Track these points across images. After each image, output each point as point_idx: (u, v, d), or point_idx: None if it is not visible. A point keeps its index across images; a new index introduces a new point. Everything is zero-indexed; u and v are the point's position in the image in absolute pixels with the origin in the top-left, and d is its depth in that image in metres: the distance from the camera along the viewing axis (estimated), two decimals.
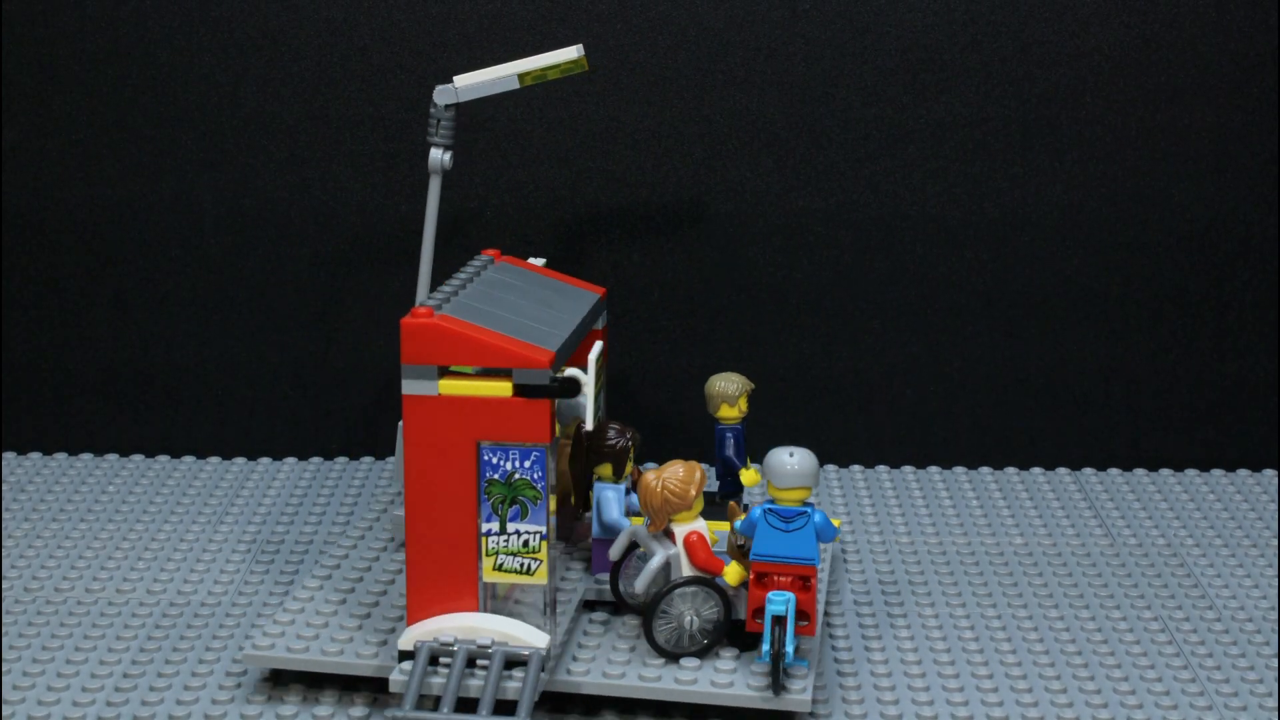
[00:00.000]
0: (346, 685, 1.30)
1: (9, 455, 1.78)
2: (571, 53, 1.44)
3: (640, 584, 1.27)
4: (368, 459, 1.78)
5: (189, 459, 1.77)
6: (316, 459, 1.78)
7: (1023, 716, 1.27)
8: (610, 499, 1.34)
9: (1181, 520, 1.65)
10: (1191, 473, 1.77)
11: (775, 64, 1.72)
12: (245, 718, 1.26)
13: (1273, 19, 1.71)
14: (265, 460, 1.77)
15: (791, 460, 1.24)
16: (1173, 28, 1.72)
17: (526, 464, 1.22)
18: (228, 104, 1.73)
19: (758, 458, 1.47)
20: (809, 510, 1.24)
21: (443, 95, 1.45)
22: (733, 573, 1.27)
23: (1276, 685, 1.33)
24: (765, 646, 1.22)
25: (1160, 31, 1.72)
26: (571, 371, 1.24)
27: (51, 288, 1.77)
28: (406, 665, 1.24)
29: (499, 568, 1.24)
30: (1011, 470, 1.78)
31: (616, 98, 1.72)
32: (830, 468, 1.78)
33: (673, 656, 1.27)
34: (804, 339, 1.77)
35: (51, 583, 1.49)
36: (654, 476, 1.27)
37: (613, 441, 1.35)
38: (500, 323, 1.25)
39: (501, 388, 1.22)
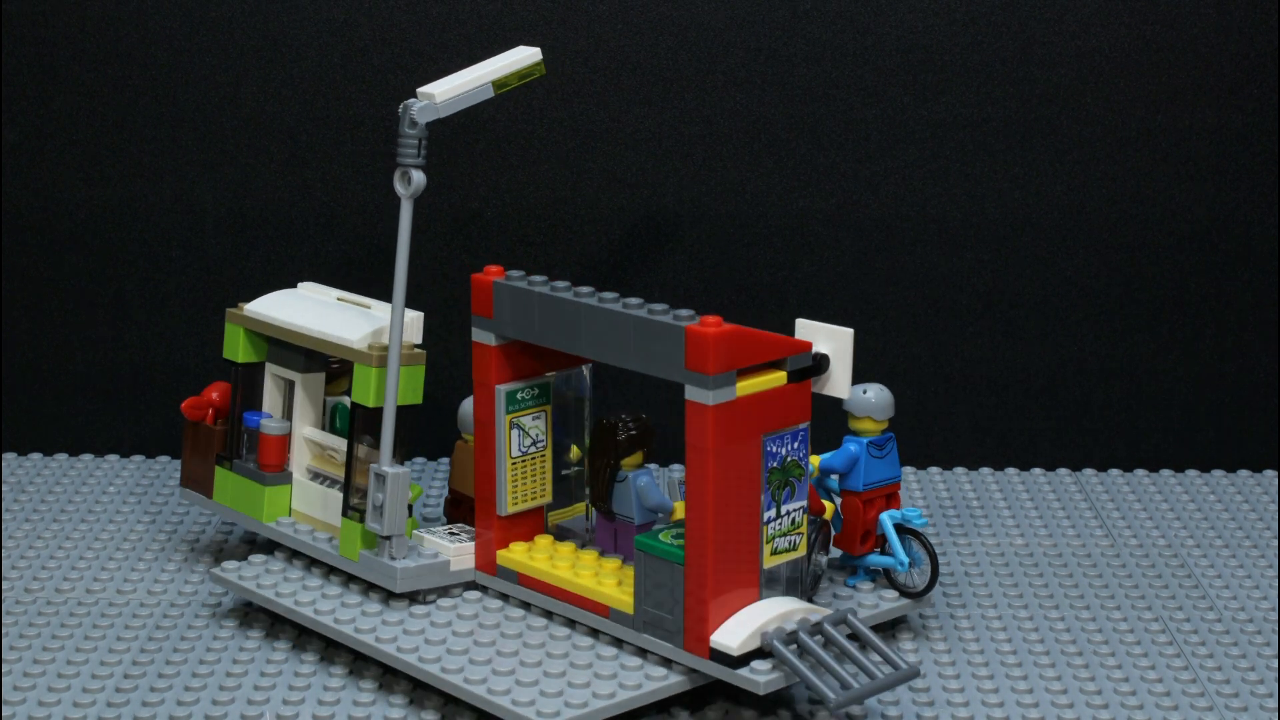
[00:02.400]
0: None
1: (9, 456, 1.78)
2: (534, 54, 1.38)
3: None
4: None
5: None
6: None
7: (1023, 717, 1.27)
8: (650, 484, 1.38)
9: (1182, 521, 1.66)
10: (1192, 473, 1.77)
11: (775, 64, 1.72)
12: (245, 718, 1.26)
13: (1273, 19, 1.71)
14: None
15: (883, 393, 1.40)
16: (1173, 28, 1.72)
17: (795, 444, 1.27)
18: (228, 104, 1.73)
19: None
20: (891, 434, 1.41)
21: (425, 114, 1.32)
22: (830, 509, 1.39)
23: (1277, 685, 1.33)
24: (904, 558, 1.38)
25: (1160, 31, 1.72)
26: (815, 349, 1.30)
27: (51, 288, 1.77)
28: (759, 665, 1.24)
29: (775, 551, 1.27)
30: (1012, 470, 1.78)
31: (616, 98, 1.72)
32: None
33: (809, 597, 1.33)
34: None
35: (52, 583, 1.49)
36: None
37: (640, 428, 1.38)
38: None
39: (777, 378, 1.25)
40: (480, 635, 1.31)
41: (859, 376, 1.77)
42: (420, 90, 1.33)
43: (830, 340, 1.31)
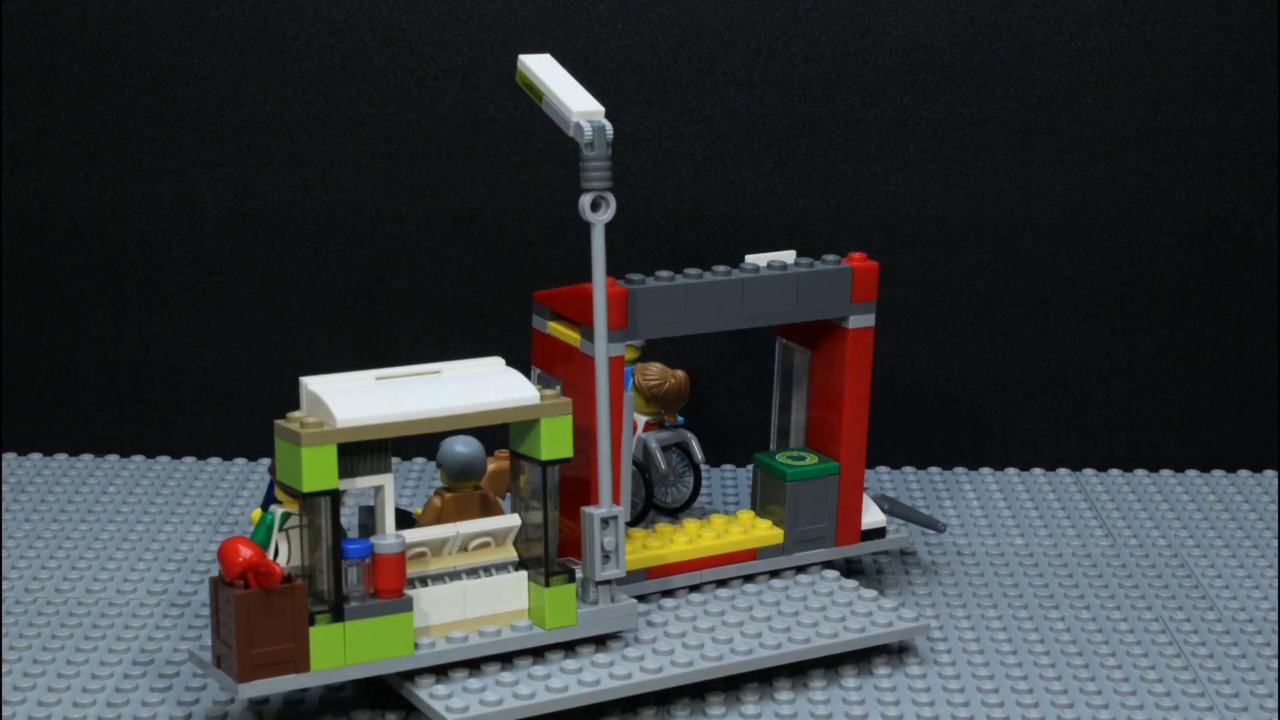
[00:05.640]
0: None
1: (9, 456, 1.78)
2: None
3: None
4: None
5: (189, 459, 1.77)
6: None
7: (1023, 717, 1.27)
8: None
9: (1182, 521, 1.66)
10: (1192, 473, 1.78)
11: (775, 64, 1.72)
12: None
13: (1273, 19, 1.71)
14: (266, 461, 1.77)
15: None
16: (1173, 28, 1.72)
17: None
18: (228, 104, 1.73)
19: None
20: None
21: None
22: None
23: (1277, 685, 1.33)
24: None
25: (1160, 31, 1.72)
26: None
27: (51, 288, 1.77)
28: (890, 528, 1.47)
29: None
30: (1012, 470, 1.78)
31: (616, 98, 1.72)
32: None
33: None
34: None
35: (52, 583, 1.49)
36: (666, 375, 1.55)
37: None
38: None
39: None
40: (730, 617, 1.36)
41: None
42: (583, 110, 1.29)
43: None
